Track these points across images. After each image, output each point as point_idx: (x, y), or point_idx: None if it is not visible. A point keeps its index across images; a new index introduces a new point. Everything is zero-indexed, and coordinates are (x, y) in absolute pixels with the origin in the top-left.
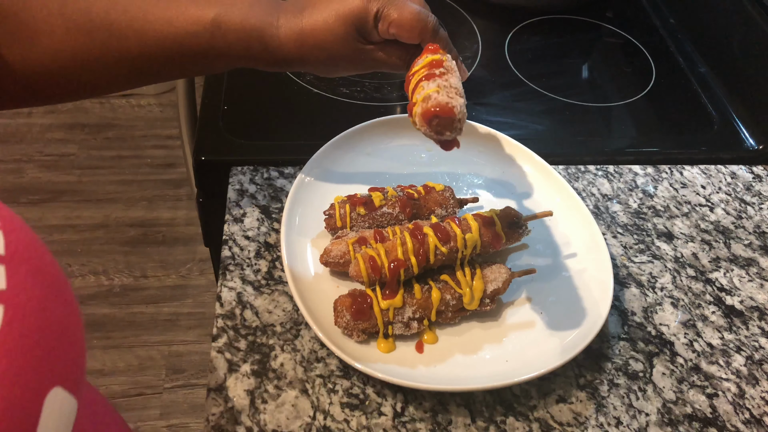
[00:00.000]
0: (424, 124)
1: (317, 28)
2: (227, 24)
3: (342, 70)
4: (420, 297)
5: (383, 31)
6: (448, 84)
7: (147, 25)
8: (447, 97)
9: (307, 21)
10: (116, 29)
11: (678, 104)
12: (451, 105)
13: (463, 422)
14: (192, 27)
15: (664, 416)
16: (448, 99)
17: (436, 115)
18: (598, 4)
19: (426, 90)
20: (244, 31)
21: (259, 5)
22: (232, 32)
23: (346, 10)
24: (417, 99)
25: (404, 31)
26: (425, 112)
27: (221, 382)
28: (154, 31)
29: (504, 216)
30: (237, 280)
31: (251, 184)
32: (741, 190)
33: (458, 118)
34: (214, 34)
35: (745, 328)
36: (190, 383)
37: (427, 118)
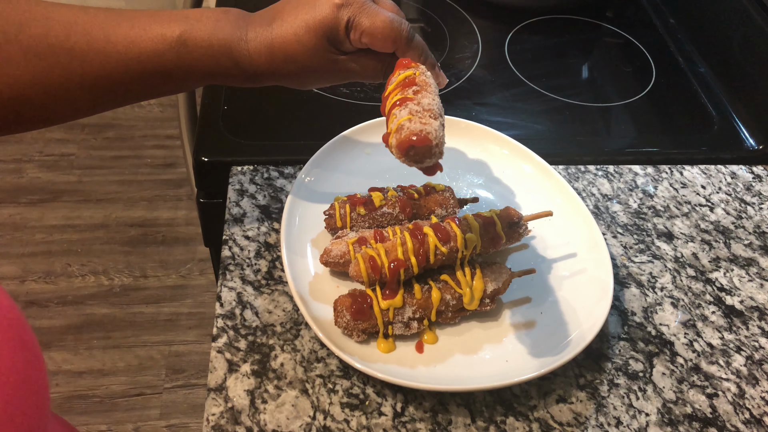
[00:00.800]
0: (401, 155)
1: (287, 40)
2: (194, 41)
3: (316, 81)
4: (420, 297)
5: (355, 40)
6: (421, 107)
7: (109, 46)
8: (420, 123)
9: (276, 33)
10: (77, 53)
11: (678, 104)
12: (425, 132)
13: (463, 422)
14: (157, 46)
15: (664, 416)
16: (421, 126)
17: (411, 146)
18: (598, 4)
19: (399, 119)
20: (212, 48)
21: (226, 19)
22: (199, 49)
23: (315, 20)
24: (391, 129)
25: (377, 40)
26: (400, 144)
27: (221, 382)
28: (117, 53)
29: (504, 216)
30: (237, 280)
31: (251, 184)
32: (741, 190)
33: (435, 143)
34: (180, 52)
35: (745, 328)
36: (190, 383)
37: (403, 149)
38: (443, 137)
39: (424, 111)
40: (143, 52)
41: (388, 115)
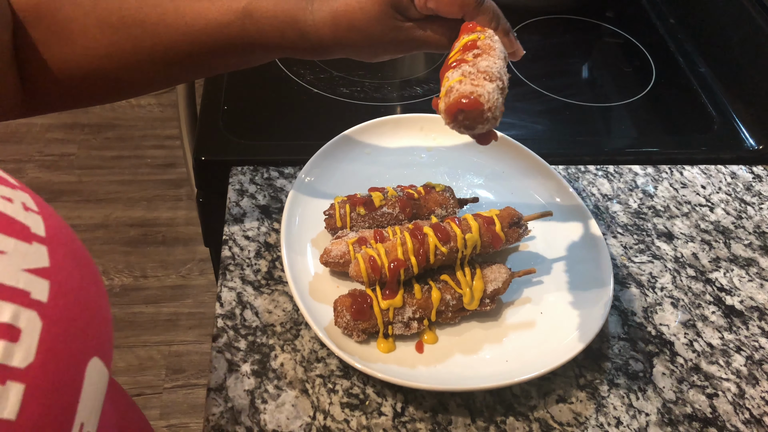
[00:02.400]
0: (450, 120)
1: (350, 8)
2: (259, 12)
3: (382, 52)
4: (420, 297)
5: (421, 6)
6: (476, 69)
7: (178, 18)
8: (471, 85)
9: (340, 2)
10: (148, 25)
11: (678, 104)
12: (476, 95)
13: (463, 422)
14: (223, 17)
15: (664, 416)
16: (472, 88)
17: (460, 109)
18: (598, 4)
19: (449, 81)
20: (277, 18)
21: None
22: (264, 20)
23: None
24: (442, 93)
25: (443, 4)
26: (448, 108)
27: (221, 382)
28: (185, 25)
29: (504, 216)
30: (237, 280)
31: (251, 184)
32: (741, 190)
33: (487, 107)
34: (245, 23)
35: (745, 328)
36: (190, 383)
37: (452, 114)
38: (499, 102)
39: (478, 73)
40: (209, 24)
41: (442, 78)
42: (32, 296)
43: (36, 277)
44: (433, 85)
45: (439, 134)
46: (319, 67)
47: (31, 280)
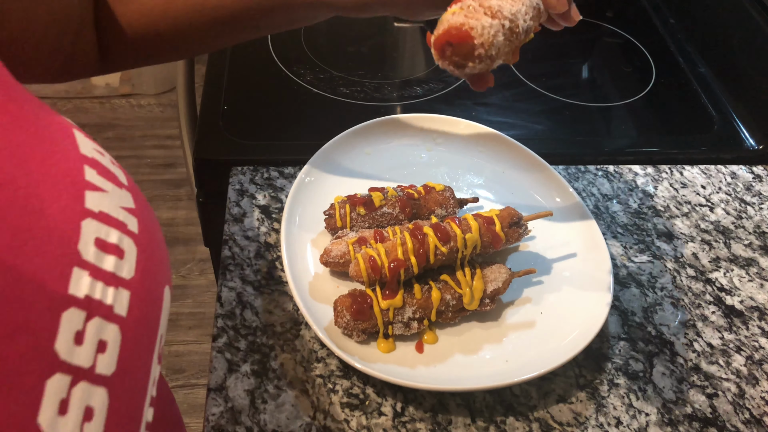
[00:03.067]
0: (438, 55)
1: None
2: None
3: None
4: (420, 297)
5: None
6: (477, 3)
7: None
8: (464, 17)
9: None
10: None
11: (678, 104)
12: (467, 26)
13: (463, 422)
14: None
15: (664, 416)
16: (464, 20)
17: (448, 42)
18: (598, 4)
19: (445, 13)
20: None
21: None
22: None
23: None
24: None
25: None
26: (436, 40)
27: (221, 382)
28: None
29: (504, 216)
30: (237, 280)
31: (251, 184)
32: (741, 190)
33: (479, 42)
34: None
35: (745, 328)
36: (190, 383)
37: (439, 46)
38: (498, 41)
39: (479, 7)
40: None
41: None
42: (128, 227)
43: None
44: (433, 85)
45: (439, 134)
46: (319, 67)
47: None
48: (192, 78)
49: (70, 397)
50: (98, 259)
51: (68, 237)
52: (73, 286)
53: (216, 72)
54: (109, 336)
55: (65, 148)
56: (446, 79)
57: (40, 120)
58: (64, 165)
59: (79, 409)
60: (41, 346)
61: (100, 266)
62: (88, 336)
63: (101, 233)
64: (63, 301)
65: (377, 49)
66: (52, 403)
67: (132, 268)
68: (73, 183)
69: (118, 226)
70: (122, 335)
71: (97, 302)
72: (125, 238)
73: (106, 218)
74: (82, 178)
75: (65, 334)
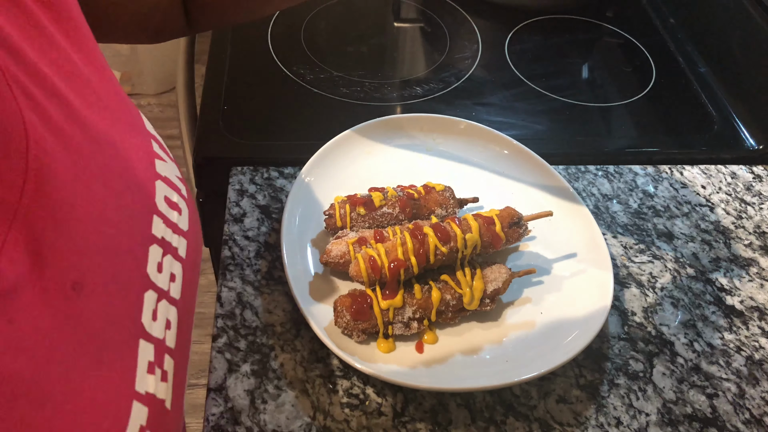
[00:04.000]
0: None
1: None
2: None
3: None
4: (420, 297)
5: None
6: None
7: None
8: None
9: None
10: None
11: (678, 104)
12: None
13: (463, 422)
14: None
15: (664, 416)
16: None
17: None
18: (598, 4)
19: None
20: None
21: None
22: None
23: None
24: None
25: None
26: None
27: (221, 382)
28: None
29: (504, 216)
30: (237, 280)
31: (251, 184)
32: (741, 190)
33: None
34: None
35: (745, 328)
36: (190, 383)
37: None
38: None
39: None
40: None
41: None
42: (182, 192)
43: (179, 181)
44: (433, 85)
45: (439, 134)
46: (319, 67)
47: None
48: (192, 78)
49: (157, 310)
50: (167, 211)
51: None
52: (154, 228)
53: (216, 72)
54: (176, 270)
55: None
56: (446, 79)
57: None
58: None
59: (163, 318)
60: (140, 268)
61: (169, 217)
62: (164, 267)
63: (167, 193)
64: (149, 237)
65: (377, 49)
66: (148, 310)
67: (186, 223)
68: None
69: (176, 189)
70: (183, 271)
71: (168, 243)
72: (181, 200)
73: (169, 182)
74: (151, 148)
75: (152, 262)
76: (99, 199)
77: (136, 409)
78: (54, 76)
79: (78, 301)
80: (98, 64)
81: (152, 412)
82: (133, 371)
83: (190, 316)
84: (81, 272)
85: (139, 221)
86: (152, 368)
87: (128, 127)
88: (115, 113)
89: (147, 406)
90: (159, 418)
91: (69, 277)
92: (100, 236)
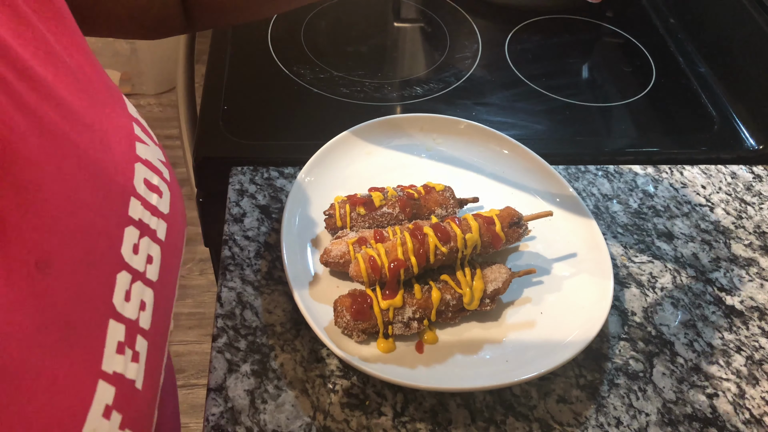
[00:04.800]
0: None
1: None
2: None
3: None
4: (420, 297)
5: None
6: None
7: None
8: None
9: None
10: None
11: (678, 104)
12: None
13: (463, 422)
14: None
15: (664, 416)
16: None
17: None
18: (599, 4)
19: None
20: None
21: None
22: None
23: None
24: None
25: None
26: None
27: (221, 382)
28: None
29: (504, 216)
30: (237, 280)
31: (251, 184)
32: (741, 190)
33: None
34: None
35: (745, 328)
36: (190, 383)
37: None
38: None
39: None
40: None
41: None
42: (164, 175)
43: (162, 165)
44: (433, 85)
45: (439, 134)
46: (319, 67)
47: (161, 165)
48: (192, 78)
49: (131, 291)
50: (146, 194)
51: (127, 174)
52: (131, 210)
53: (216, 72)
54: (154, 252)
55: (121, 105)
56: (446, 79)
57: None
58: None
59: (137, 300)
60: (113, 248)
61: (148, 200)
62: (141, 248)
63: (147, 175)
64: (125, 219)
65: (377, 49)
66: (121, 291)
67: (167, 206)
68: (127, 135)
69: (157, 173)
70: (162, 253)
71: (146, 225)
72: (162, 183)
73: (150, 165)
74: (132, 131)
75: (127, 243)
76: (71, 179)
77: (102, 388)
78: (27, 56)
79: (43, 280)
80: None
81: (120, 391)
82: (100, 351)
83: (169, 299)
84: (47, 251)
85: (115, 202)
86: (122, 348)
87: (108, 109)
88: (94, 95)
89: (114, 385)
90: (127, 398)
91: (33, 255)
92: (71, 216)
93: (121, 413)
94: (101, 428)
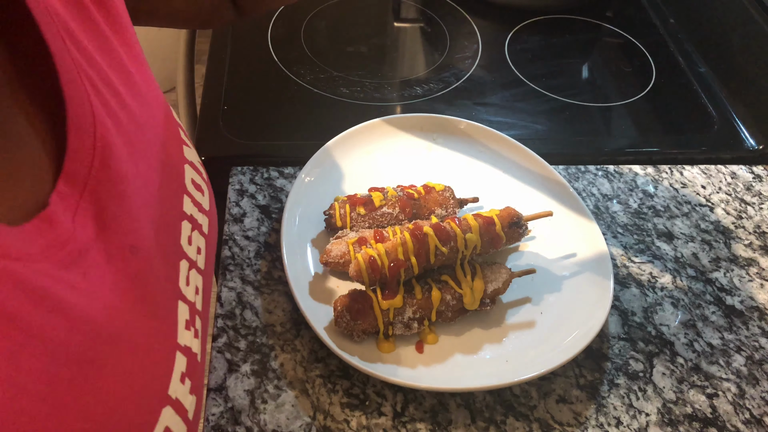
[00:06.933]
0: None
1: None
2: None
3: None
4: (420, 297)
5: None
6: None
7: None
8: None
9: None
10: None
11: (678, 104)
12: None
13: (463, 422)
14: None
15: (664, 416)
16: None
17: None
18: (598, 4)
19: None
20: None
21: None
22: None
23: None
24: None
25: None
26: None
27: (221, 382)
28: None
29: (504, 216)
30: (237, 280)
31: (251, 184)
32: (741, 190)
33: None
34: None
35: (745, 328)
36: None
37: None
38: None
39: None
40: None
41: None
42: (203, 176)
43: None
44: (433, 85)
45: (439, 134)
46: (319, 67)
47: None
48: (192, 78)
49: (189, 277)
50: (194, 192)
51: (180, 173)
52: (185, 206)
53: (216, 72)
54: (201, 244)
55: (168, 111)
56: (446, 79)
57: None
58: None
59: (194, 285)
60: (175, 239)
61: (195, 197)
62: (193, 240)
63: (193, 176)
64: (181, 214)
65: (377, 49)
66: (183, 276)
67: (208, 203)
68: (177, 138)
69: (198, 173)
70: (207, 246)
71: (195, 220)
72: (203, 182)
73: (194, 166)
74: (179, 135)
75: (184, 236)
76: (144, 176)
77: (179, 358)
78: (106, 66)
79: (135, 262)
80: (137, 56)
81: (189, 362)
82: (175, 326)
83: (210, 286)
84: (136, 238)
85: (173, 199)
86: (188, 326)
87: (162, 115)
88: (152, 102)
89: (186, 356)
90: (194, 367)
91: (127, 241)
92: (147, 209)
93: (191, 380)
94: (179, 390)
